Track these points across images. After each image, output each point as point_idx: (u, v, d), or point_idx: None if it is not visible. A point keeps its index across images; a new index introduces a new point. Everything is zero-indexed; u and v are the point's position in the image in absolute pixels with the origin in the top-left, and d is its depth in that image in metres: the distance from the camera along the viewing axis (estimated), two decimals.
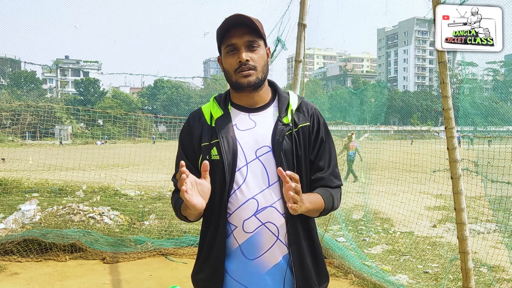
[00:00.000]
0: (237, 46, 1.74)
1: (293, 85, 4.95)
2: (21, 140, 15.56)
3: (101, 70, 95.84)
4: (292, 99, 1.86)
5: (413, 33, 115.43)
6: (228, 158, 1.73)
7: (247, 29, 1.73)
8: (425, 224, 8.28)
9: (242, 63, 1.72)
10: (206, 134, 1.80)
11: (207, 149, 1.77)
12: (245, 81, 1.73)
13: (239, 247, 1.73)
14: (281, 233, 1.73)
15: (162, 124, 12.86)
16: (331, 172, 1.85)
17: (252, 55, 1.74)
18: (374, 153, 7.58)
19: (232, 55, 1.75)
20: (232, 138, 1.76)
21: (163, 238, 6.85)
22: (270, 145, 1.75)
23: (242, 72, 1.73)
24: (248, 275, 1.73)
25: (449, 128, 3.44)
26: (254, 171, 1.73)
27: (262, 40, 1.80)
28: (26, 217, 7.50)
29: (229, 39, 1.74)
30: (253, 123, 1.81)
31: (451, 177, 3.49)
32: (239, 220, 1.71)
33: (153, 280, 5.33)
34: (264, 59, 1.79)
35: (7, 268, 5.56)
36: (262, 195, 1.71)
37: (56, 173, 10.11)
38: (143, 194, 11.38)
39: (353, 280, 5.24)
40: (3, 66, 76.12)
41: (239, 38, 1.73)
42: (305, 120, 1.82)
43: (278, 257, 1.73)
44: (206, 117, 1.84)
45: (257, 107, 1.84)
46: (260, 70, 1.76)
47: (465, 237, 3.47)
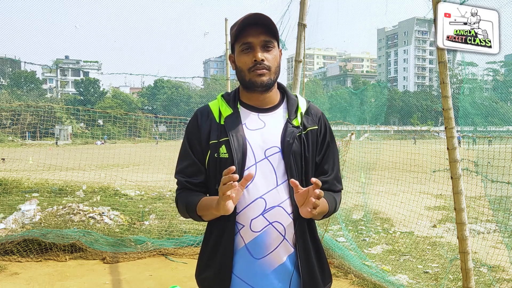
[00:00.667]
0: (253, 45, 1.73)
1: (293, 85, 4.94)
2: (21, 140, 15.56)
3: (101, 70, 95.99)
4: (301, 102, 1.87)
5: (413, 33, 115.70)
6: (238, 157, 1.73)
7: (263, 29, 1.73)
8: (425, 224, 8.30)
9: (257, 62, 1.72)
10: (214, 132, 1.79)
11: (215, 147, 1.77)
12: (259, 80, 1.74)
13: (246, 246, 1.73)
14: (288, 233, 1.73)
15: (162, 124, 12.87)
16: (334, 176, 1.88)
17: (267, 55, 1.74)
18: (374, 153, 7.58)
19: (247, 53, 1.75)
20: (242, 137, 1.76)
21: (163, 238, 6.86)
22: (279, 146, 1.76)
23: (257, 71, 1.73)
24: (253, 274, 1.73)
25: (449, 128, 3.42)
26: (263, 171, 1.74)
27: (276, 41, 1.79)
28: (26, 217, 7.52)
29: (245, 37, 1.74)
30: (262, 123, 1.81)
31: (451, 177, 3.47)
32: (247, 219, 1.71)
33: (153, 280, 5.34)
34: (277, 60, 1.80)
35: (7, 268, 5.56)
36: (270, 194, 1.72)
37: (56, 173, 10.12)
38: (143, 194, 11.41)
39: (353, 280, 5.25)
40: (3, 66, 76.20)
41: (255, 37, 1.73)
42: (313, 124, 1.85)
43: (283, 257, 1.74)
44: (215, 115, 1.83)
45: (267, 107, 1.84)
46: (274, 71, 1.77)
47: (465, 237, 3.46)
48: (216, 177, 1.75)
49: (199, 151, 1.83)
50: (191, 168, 1.84)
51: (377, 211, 9.17)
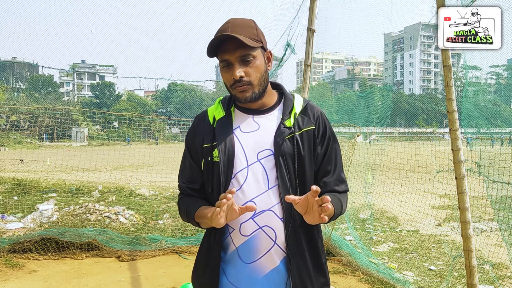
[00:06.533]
0: (230, 62, 1.68)
1: (302, 88, 5.05)
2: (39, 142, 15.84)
3: (116, 74, 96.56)
4: (297, 102, 1.81)
5: (418, 37, 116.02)
6: (223, 160, 1.70)
7: (238, 43, 1.64)
8: (430, 223, 8.34)
9: (237, 80, 1.67)
10: (208, 136, 1.77)
11: (208, 151, 1.75)
12: (242, 96, 1.70)
13: (236, 250, 1.70)
14: (279, 238, 1.68)
15: (175, 126, 13.03)
16: (336, 177, 1.81)
17: (246, 69, 1.68)
18: (380, 154, 7.64)
19: (227, 71, 1.70)
20: (230, 139, 1.73)
21: (177, 236, 6.94)
22: (272, 148, 1.71)
23: (238, 88, 1.69)
24: (244, 279, 1.69)
25: (454, 130, 3.49)
26: (255, 174, 1.69)
27: (258, 48, 1.72)
28: (44, 216, 7.64)
29: (221, 54, 1.69)
30: (256, 126, 1.77)
31: (456, 177, 3.54)
32: (237, 223, 1.68)
33: (167, 278, 5.40)
34: (261, 69, 1.72)
35: (25, 266, 5.64)
36: (260, 198, 1.67)
37: (73, 173, 10.27)
38: (157, 194, 11.48)
39: (360, 277, 5.31)
40: (21, 70, 77.41)
41: (231, 54, 1.67)
42: (310, 124, 1.78)
43: (276, 262, 1.69)
44: (210, 119, 1.82)
45: (262, 109, 1.80)
46: (257, 83, 1.71)
47: (469, 236, 3.51)
48: (210, 180, 1.76)
49: (197, 156, 1.81)
50: (190, 173, 1.84)
51: (383, 211, 9.24)
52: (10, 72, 76.37)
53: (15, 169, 10.02)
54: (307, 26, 4.80)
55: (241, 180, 1.70)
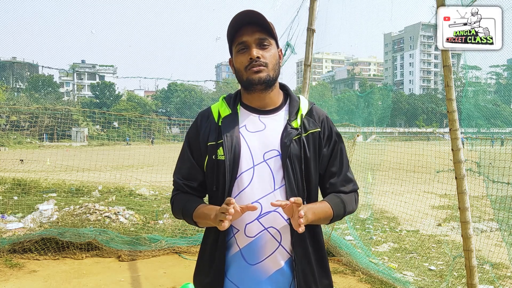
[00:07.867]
0: (248, 44, 1.70)
1: (302, 88, 5.05)
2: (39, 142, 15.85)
3: (116, 74, 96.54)
4: (303, 104, 1.81)
5: (418, 37, 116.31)
6: (229, 158, 1.68)
7: (257, 27, 1.70)
8: (430, 223, 8.34)
9: (253, 60, 1.68)
10: (212, 133, 1.75)
11: (213, 149, 1.72)
12: (256, 77, 1.69)
13: (240, 251, 1.68)
14: (284, 239, 1.67)
15: (175, 126, 13.04)
16: (343, 177, 1.81)
17: (263, 52, 1.70)
18: (380, 155, 7.65)
19: (243, 53, 1.71)
20: (236, 138, 1.71)
21: (177, 236, 6.95)
22: (279, 149, 1.69)
23: (253, 68, 1.68)
24: (248, 280, 1.67)
25: (454, 130, 3.48)
26: (261, 174, 1.68)
27: (274, 40, 1.76)
28: (44, 216, 7.64)
29: (239, 37, 1.71)
30: (263, 126, 1.75)
31: (456, 177, 3.53)
32: (242, 224, 1.66)
33: (167, 277, 5.41)
34: (276, 58, 1.74)
35: (25, 266, 5.64)
36: (266, 199, 1.65)
37: (73, 173, 10.27)
38: (157, 194, 11.49)
39: (361, 277, 5.31)
40: (21, 70, 77.47)
41: (250, 36, 1.69)
42: (315, 126, 1.78)
43: (280, 263, 1.68)
44: (215, 116, 1.79)
45: (268, 109, 1.79)
46: (272, 68, 1.71)
47: (469, 236, 3.51)
48: (214, 179, 1.73)
49: (198, 154, 1.79)
50: (189, 171, 1.82)
51: (383, 210, 9.24)
52: (10, 72, 76.46)
53: (15, 169, 10.03)
54: (307, 26, 4.80)
55: (247, 180, 1.68)
